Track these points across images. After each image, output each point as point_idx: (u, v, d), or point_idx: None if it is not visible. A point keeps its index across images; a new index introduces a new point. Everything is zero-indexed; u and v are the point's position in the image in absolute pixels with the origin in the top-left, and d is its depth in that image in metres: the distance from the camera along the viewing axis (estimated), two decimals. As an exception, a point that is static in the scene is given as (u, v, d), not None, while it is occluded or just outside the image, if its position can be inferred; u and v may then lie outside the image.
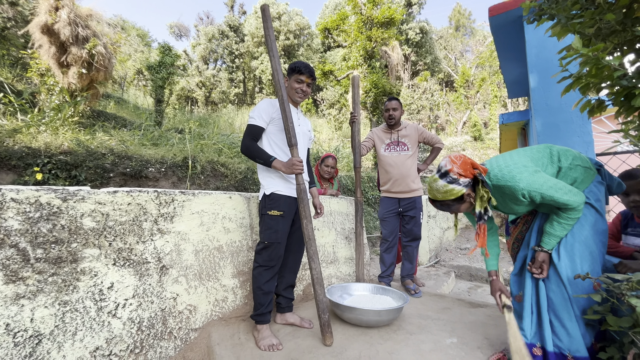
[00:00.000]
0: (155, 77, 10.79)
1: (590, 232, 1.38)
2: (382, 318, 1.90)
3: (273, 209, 1.78)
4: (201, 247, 1.89)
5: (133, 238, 1.64)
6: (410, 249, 2.77)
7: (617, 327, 1.20)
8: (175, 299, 1.74)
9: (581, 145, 2.08)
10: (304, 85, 1.94)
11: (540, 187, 1.32)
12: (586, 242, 1.37)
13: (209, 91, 19.86)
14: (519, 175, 1.34)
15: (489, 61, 19.02)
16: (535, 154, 1.47)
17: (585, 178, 1.43)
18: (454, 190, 1.38)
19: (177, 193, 1.85)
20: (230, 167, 4.20)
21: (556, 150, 1.48)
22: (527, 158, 1.44)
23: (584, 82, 1.43)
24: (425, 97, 18.64)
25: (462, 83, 19.75)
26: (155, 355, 1.63)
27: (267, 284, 1.77)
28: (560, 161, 1.44)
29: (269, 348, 1.65)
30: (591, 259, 1.36)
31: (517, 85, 3.92)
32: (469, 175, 1.40)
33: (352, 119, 2.69)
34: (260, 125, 1.81)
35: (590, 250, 1.37)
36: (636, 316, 1.15)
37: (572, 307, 1.34)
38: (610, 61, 1.24)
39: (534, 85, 2.29)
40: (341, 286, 2.33)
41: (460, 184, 1.38)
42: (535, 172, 1.36)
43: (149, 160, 3.39)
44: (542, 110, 2.23)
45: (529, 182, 1.33)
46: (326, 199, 2.81)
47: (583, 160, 1.45)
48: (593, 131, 4.50)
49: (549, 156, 1.47)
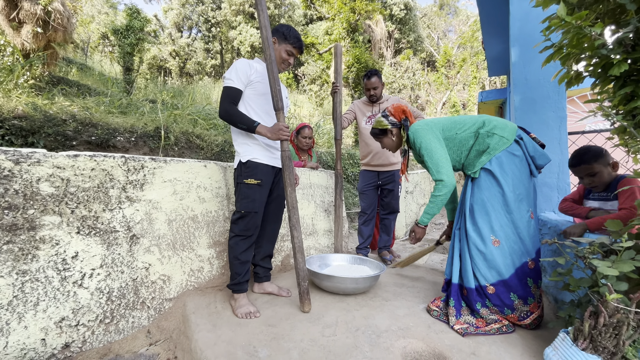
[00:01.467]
0: (123, 43, 9.98)
1: (486, 194, 1.58)
2: (359, 285, 1.94)
3: (250, 177, 1.71)
4: (174, 216, 1.81)
5: (99, 206, 1.54)
6: (387, 221, 2.82)
7: (577, 287, 1.28)
8: (147, 268, 1.68)
9: (555, 120, 2.13)
10: (292, 58, 1.84)
11: (427, 153, 1.66)
12: (482, 203, 1.59)
13: (183, 62, 18.72)
14: (421, 135, 1.69)
15: (471, 42, 19.08)
16: (463, 119, 1.74)
17: (497, 146, 1.58)
18: (382, 122, 1.86)
19: (147, 160, 1.73)
20: (207, 139, 4.03)
21: (482, 120, 1.68)
22: (448, 122, 1.74)
23: (565, 52, 1.44)
24: (407, 76, 18.57)
25: (444, 63, 19.80)
26: (128, 325, 1.58)
27: (244, 253, 1.73)
28: (483, 127, 1.64)
29: (246, 315, 1.64)
30: (487, 217, 1.58)
31: (498, 63, 3.95)
32: (398, 118, 1.84)
33: (334, 89, 2.61)
34: (239, 87, 1.68)
35: (486, 209, 1.58)
36: (595, 277, 1.23)
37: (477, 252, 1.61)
38: (592, 29, 1.24)
39: (514, 60, 2.29)
40: (320, 257, 2.35)
41: (388, 120, 1.85)
42: (433, 140, 1.67)
43: (117, 129, 3.16)
44: (521, 85, 2.26)
45: (424, 142, 1.67)
46: (306, 172, 2.77)
47: (503, 130, 1.61)
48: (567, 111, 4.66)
49: (473, 123, 1.69)
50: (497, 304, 1.57)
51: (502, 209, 1.57)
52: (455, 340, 1.50)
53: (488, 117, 1.70)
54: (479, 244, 1.59)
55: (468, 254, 1.63)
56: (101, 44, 15.43)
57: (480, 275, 1.59)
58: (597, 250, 1.25)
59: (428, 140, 1.66)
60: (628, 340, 1.11)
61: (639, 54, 1.18)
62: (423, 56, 21.63)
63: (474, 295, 1.60)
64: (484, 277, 1.58)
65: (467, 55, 19.20)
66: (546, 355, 1.25)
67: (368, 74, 2.69)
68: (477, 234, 1.60)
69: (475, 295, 1.60)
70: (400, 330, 1.59)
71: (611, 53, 1.24)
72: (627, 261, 1.09)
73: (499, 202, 1.58)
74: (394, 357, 1.37)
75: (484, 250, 1.58)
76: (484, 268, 1.58)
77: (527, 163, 1.60)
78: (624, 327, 1.10)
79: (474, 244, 1.60)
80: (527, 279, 1.57)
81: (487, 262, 1.58)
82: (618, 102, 1.32)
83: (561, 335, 1.22)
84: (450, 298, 1.65)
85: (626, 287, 1.13)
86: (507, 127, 1.63)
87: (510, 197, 1.56)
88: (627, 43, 1.22)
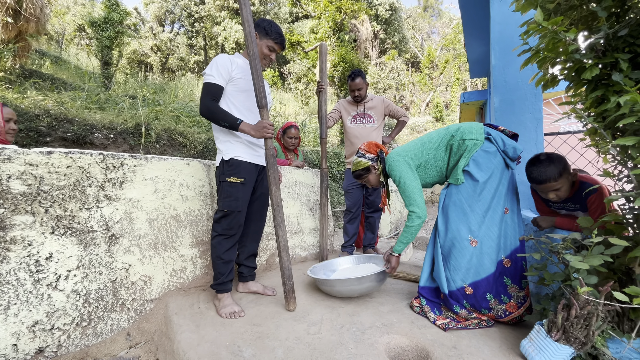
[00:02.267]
0: (101, 36, 9.62)
1: (464, 194, 1.61)
2: (374, 283, 1.85)
3: (233, 175, 1.69)
4: (156, 215, 1.77)
5: (75, 205, 1.48)
6: (372, 219, 2.85)
7: (551, 281, 1.34)
8: (127, 269, 1.63)
9: (532, 122, 2.21)
10: (274, 54, 1.81)
11: (402, 185, 1.72)
12: (460, 204, 1.62)
13: (165, 57, 18.21)
14: (396, 168, 1.74)
15: (453, 44, 19.52)
16: (430, 137, 1.79)
17: (472, 148, 1.64)
18: (361, 162, 1.88)
19: (126, 157, 1.68)
20: (190, 136, 3.94)
21: (449, 132, 1.73)
22: (417, 147, 1.78)
23: (542, 56, 1.50)
24: (392, 77, 18.80)
25: (427, 64, 20.16)
26: (106, 328, 1.53)
27: (227, 253, 1.71)
28: (452, 139, 1.69)
29: (231, 315, 1.62)
30: (465, 217, 1.60)
31: (479, 65, 4.07)
32: (373, 152, 1.90)
33: (319, 88, 2.61)
34: (220, 83, 1.64)
35: (464, 210, 1.61)
36: (568, 271, 1.29)
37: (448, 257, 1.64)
38: (567, 34, 1.29)
39: (494, 62, 2.36)
40: (322, 265, 2.23)
41: (366, 158, 1.88)
42: (407, 171, 1.72)
43: (95, 125, 3.03)
44: (501, 87, 2.33)
45: (398, 174, 1.73)
46: (291, 170, 2.76)
47: (471, 133, 1.65)
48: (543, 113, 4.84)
49: (440, 138, 1.74)
50: (473, 303, 1.59)
51: (480, 209, 1.58)
52: (437, 335, 1.54)
53: (453, 127, 1.74)
54: (458, 245, 1.59)
55: (441, 257, 1.64)
56: (77, 36, 14.79)
57: (457, 277, 1.59)
58: (569, 246, 1.31)
59: (402, 172, 1.72)
60: (597, 330, 1.17)
61: (609, 59, 1.25)
62: (408, 57, 21.95)
63: (450, 300, 1.62)
64: (461, 279, 1.58)
65: (449, 57, 19.62)
66: (522, 347, 1.30)
67: (352, 75, 2.70)
68: (455, 235, 1.60)
69: (451, 300, 1.61)
70: (384, 326, 1.61)
71: (584, 57, 1.30)
72: (596, 255, 1.14)
73: (476, 201, 1.58)
74: (377, 352, 1.39)
75: (463, 252, 1.58)
76: (462, 269, 1.58)
77: (502, 157, 1.61)
78: (593, 319, 1.15)
79: (452, 245, 1.61)
80: (504, 277, 1.58)
81: (466, 262, 1.57)
82: (590, 105, 1.39)
83: (536, 327, 1.27)
84: (421, 298, 1.72)
85: (596, 280, 1.19)
86: (473, 129, 1.66)
87: (486, 195, 1.58)
88: (598, 49, 1.28)
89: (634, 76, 1.20)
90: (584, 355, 1.25)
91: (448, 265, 1.63)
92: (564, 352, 1.18)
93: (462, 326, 1.56)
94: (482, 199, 1.58)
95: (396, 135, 2.97)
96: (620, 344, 1.20)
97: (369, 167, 1.86)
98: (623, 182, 1.30)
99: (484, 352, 1.39)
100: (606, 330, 1.22)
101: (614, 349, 1.21)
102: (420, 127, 15.74)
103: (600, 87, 1.31)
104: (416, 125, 15.74)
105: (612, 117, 1.16)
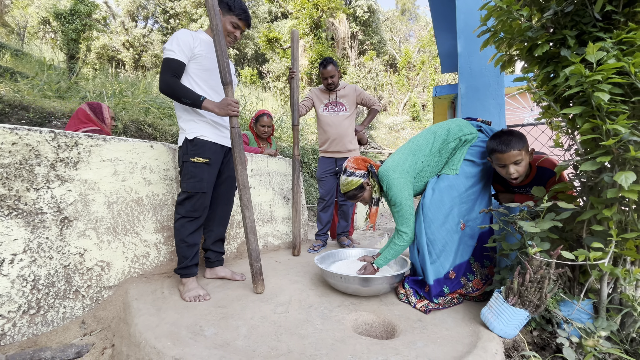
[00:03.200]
0: (67, 29, 9.15)
1: (461, 181, 1.62)
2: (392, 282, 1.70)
3: (197, 155, 1.63)
4: (115, 198, 1.68)
5: (21, 184, 1.38)
6: (345, 207, 2.86)
7: (509, 250, 1.39)
8: (82, 254, 1.54)
9: (495, 107, 2.30)
10: (238, 31, 1.77)
11: (398, 204, 1.63)
12: (455, 189, 1.61)
13: (138, 53, 17.55)
14: (394, 187, 1.62)
15: (429, 45, 20.09)
16: (418, 144, 1.70)
17: (470, 141, 1.67)
18: (352, 181, 1.73)
19: (81, 136, 1.59)
20: (160, 128, 3.80)
21: (440, 136, 1.68)
22: (410, 158, 1.67)
23: (499, 37, 1.56)
24: (371, 77, 19.08)
25: (405, 64, 20.62)
26: (58, 316, 1.44)
27: (191, 236, 1.65)
28: (446, 142, 1.66)
29: (195, 299, 1.57)
30: (459, 203, 1.61)
31: (449, 59, 4.19)
32: (363, 168, 1.75)
33: (291, 74, 2.59)
34: (181, 59, 1.57)
35: (460, 197, 1.61)
36: (524, 240, 1.34)
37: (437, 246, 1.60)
38: (520, 12, 1.35)
39: (460, 50, 2.44)
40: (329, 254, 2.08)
41: (356, 175, 1.73)
42: (406, 191, 1.62)
43: (53, 113, 2.85)
44: (466, 74, 2.40)
45: (398, 194, 1.62)
46: (264, 158, 2.72)
47: (463, 130, 1.66)
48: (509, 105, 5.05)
49: (429, 143, 1.68)
50: (454, 286, 1.60)
51: (474, 194, 1.62)
52: (404, 310, 1.55)
53: (440, 130, 1.70)
54: (452, 232, 1.59)
55: (426, 246, 1.59)
56: (41, 29, 13.98)
57: (447, 263, 1.59)
58: (525, 217, 1.36)
59: (402, 192, 1.61)
60: (550, 293, 1.22)
61: (558, 36, 1.31)
62: (386, 59, 22.35)
63: (435, 290, 1.57)
64: (450, 264, 1.59)
65: (425, 58, 20.17)
66: (482, 315, 1.34)
67: (324, 62, 2.69)
68: (446, 220, 1.59)
69: (436, 290, 1.57)
70: (352, 305, 1.61)
71: (536, 34, 1.36)
72: (547, 221, 1.19)
73: (471, 186, 1.61)
74: (344, 327, 1.38)
75: (454, 237, 1.59)
76: (452, 254, 1.59)
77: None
78: (545, 282, 1.20)
79: (447, 234, 1.59)
80: (471, 257, 1.65)
81: (456, 247, 1.60)
82: (542, 82, 1.45)
83: (495, 294, 1.31)
84: (405, 283, 1.69)
85: (548, 246, 1.25)
86: (462, 125, 1.69)
87: (478, 180, 1.64)
88: (547, 26, 1.35)
89: (580, 52, 1.27)
90: (538, 318, 1.30)
91: (438, 253, 1.59)
92: (520, 316, 1.22)
93: (440, 307, 1.56)
94: (475, 185, 1.62)
95: (369, 124, 2.99)
96: (571, 305, 1.26)
97: (362, 185, 1.73)
98: (572, 154, 1.36)
99: (447, 322, 1.42)
100: (558, 293, 1.28)
101: (565, 311, 1.27)
102: (398, 126, 16.05)
103: (550, 64, 1.38)
104: (394, 125, 16.04)
105: (560, 89, 1.22)
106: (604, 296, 1.22)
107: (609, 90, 1.06)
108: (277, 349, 1.19)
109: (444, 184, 1.62)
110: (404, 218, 1.63)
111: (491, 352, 1.13)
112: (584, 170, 1.13)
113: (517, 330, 1.26)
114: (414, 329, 1.37)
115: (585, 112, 1.17)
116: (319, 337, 1.28)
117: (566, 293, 1.31)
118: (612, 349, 1.10)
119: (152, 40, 17.61)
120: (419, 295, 1.62)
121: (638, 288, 1.22)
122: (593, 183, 1.24)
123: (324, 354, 1.15)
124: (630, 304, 1.16)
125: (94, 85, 7.58)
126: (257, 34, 16.06)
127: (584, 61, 1.22)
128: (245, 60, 18.90)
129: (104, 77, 9.71)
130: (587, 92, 1.11)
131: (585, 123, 1.15)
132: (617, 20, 1.22)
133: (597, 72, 1.07)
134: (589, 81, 1.09)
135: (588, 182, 1.27)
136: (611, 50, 1.10)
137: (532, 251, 1.15)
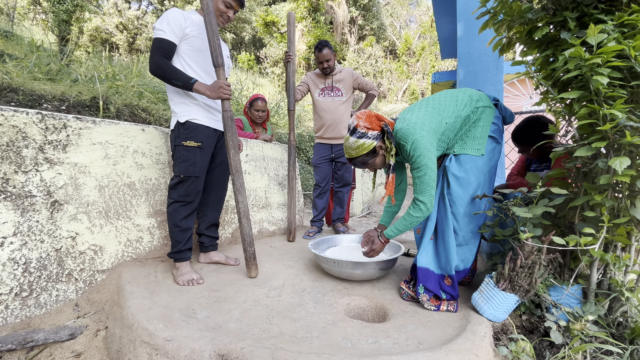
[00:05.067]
0: (57, 9, 8.87)
1: (486, 158, 1.48)
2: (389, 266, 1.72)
3: (189, 139, 1.60)
4: (107, 182, 1.66)
5: (9, 166, 1.36)
6: (341, 194, 2.85)
7: (501, 236, 1.39)
8: (74, 238, 1.53)
9: (494, 93, 2.27)
10: (231, 11, 1.71)
11: (421, 169, 1.36)
12: (481, 168, 1.48)
13: (132, 36, 17.10)
14: (421, 146, 1.35)
15: (430, 31, 19.70)
16: (444, 104, 1.47)
17: (489, 115, 1.51)
18: (364, 144, 1.40)
19: (70, 118, 1.55)
20: (154, 113, 3.74)
21: (467, 98, 1.49)
22: (435, 117, 1.42)
23: (498, 19, 1.52)
24: (370, 63, 18.76)
25: (405, 50, 20.28)
26: (50, 299, 1.44)
27: (184, 220, 1.64)
28: (470, 106, 1.47)
29: (188, 282, 1.57)
30: (484, 179, 1.49)
31: (449, 44, 4.11)
32: (376, 128, 1.42)
33: (287, 58, 2.53)
34: (172, 39, 1.52)
35: (485, 178, 1.50)
36: (516, 226, 1.34)
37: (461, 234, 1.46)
38: (520, -7, 1.30)
39: (460, 34, 2.39)
40: (325, 239, 2.10)
41: (369, 137, 1.40)
42: (432, 155, 1.37)
43: (44, 96, 2.79)
44: (465, 59, 2.36)
45: (424, 155, 1.35)
46: (259, 144, 2.69)
47: (482, 100, 1.50)
48: (508, 93, 4.99)
49: (458, 105, 1.47)
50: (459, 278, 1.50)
51: (494, 175, 1.55)
52: (396, 295, 1.57)
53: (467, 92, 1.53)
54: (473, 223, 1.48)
55: (452, 235, 1.43)
56: (32, 10, 13.55)
57: (472, 250, 1.50)
58: (519, 203, 1.36)
59: (429, 153, 1.35)
60: (540, 278, 1.23)
61: (558, 18, 1.27)
62: (386, 45, 21.92)
63: (452, 284, 1.43)
64: (479, 252, 1.49)
65: (426, 44, 19.82)
66: (473, 299, 1.35)
67: (319, 45, 2.62)
68: (470, 208, 1.46)
69: (450, 285, 1.43)
70: (345, 289, 1.63)
71: (536, 16, 1.33)
72: (540, 206, 1.19)
73: (492, 167, 1.53)
74: (336, 311, 1.40)
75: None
76: (476, 246, 1.52)
77: (502, 126, 1.57)
78: (536, 267, 1.21)
79: (471, 225, 1.47)
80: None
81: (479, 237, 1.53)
82: (541, 66, 1.42)
83: (486, 279, 1.32)
84: (420, 285, 1.44)
85: (540, 232, 1.25)
86: (481, 95, 1.53)
87: (495, 161, 1.54)
88: (548, 7, 1.31)
89: (580, 35, 1.23)
90: (528, 303, 1.32)
91: (467, 239, 1.47)
92: (510, 300, 1.23)
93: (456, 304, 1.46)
94: (493, 166, 1.53)
95: (365, 109, 2.95)
96: (561, 290, 1.28)
97: (374, 149, 1.42)
98: (568, 140, 1.35)
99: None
100: (548, 279, 1.29)
101: (555, 296, 1.28)
102: (396, 114, 15.91)
103: (550, 47, 1.34)
104: (392, 112, 15.90)
105: (559, 72, 1.19)
106: (594, 281, 1.23)
107: (608, 74, 1.04)
108: (268, 332, 1.20)
109: (469, 166, 1.46)
110: (426, 185, 1.37)
111: (480, 335, 1.14)
112: (579, 155, 1.12)
113: (506, 315, 1.27)
114: (405, 313, 1.38)
115: (583, 97, 1.15)
116: (311, 320, 1.29)
117: (556, 278, 1.32)
118: (599, 332, 1.12)
119: (147, 23, 17.12)
120: (438, 298, 1.42)
121: (627, 274, 1.23)
122: (587, 169, 1.23)
123: (315, 336, 1.17)
124: (618, 289, 1.18)
125: (86, 69, 7.41)
126: (255, 17, 15.68)
127: (584, 44, 1.20)
128: (243, 44, 18.49)
129: (97, 60, 9.49)
130: (585, 75, 1.09)
131: (582, 108, 1.13)
132: (619, 2, 1.19)
133: (597, 55, 1.05)
134: (588, 64, 1.06)
135: (583, 168, 1.26)
136: (612, 33, 1.07)
137: (523, 237, 1.15)
